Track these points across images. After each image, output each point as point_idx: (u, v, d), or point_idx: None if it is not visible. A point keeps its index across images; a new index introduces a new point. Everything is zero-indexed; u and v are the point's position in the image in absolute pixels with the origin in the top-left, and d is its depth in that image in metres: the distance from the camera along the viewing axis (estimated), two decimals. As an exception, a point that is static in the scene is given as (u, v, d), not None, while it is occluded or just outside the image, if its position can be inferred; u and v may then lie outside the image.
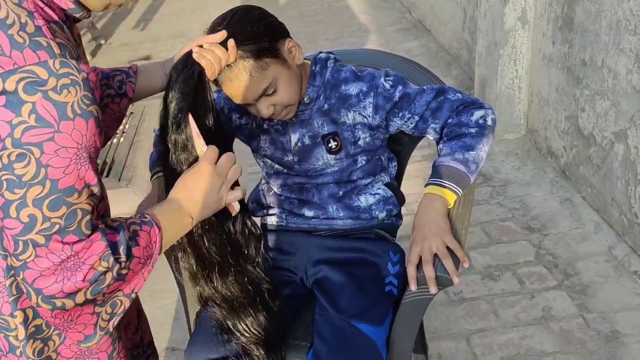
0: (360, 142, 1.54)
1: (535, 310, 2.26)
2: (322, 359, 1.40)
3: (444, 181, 1.42)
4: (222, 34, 1.34)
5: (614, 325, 2.16)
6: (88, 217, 1.00)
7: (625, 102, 2.38)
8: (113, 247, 1.02)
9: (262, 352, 1.41)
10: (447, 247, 1.35)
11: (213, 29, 1.37)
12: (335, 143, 1.53)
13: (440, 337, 2.19)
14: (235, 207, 1.29)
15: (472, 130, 1.46)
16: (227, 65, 1.36)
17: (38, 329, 1.13)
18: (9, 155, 0.93)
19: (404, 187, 1.75)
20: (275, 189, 1.63)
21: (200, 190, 1.18)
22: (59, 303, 0.99)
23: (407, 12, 5.13)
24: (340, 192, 1.57)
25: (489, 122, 1.48)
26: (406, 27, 4.92)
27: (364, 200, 1.58)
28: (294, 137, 1.54)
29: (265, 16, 1.43)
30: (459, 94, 1.52)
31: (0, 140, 0.93)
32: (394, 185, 1.66)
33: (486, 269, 2.47)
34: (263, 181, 1.68)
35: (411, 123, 1.51)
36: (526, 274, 2.43)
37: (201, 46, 1.33)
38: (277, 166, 1.60)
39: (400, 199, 1.67)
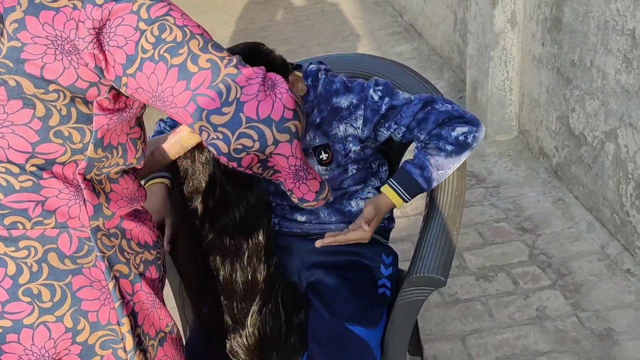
0: (351, 154, 1.55)
1: (529, 310, 2.27)
2: (316, 362, 1.41)
3: (402, 192, 1.50)
4: None
5: (607, 323, 2.18)
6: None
7: (614, 101, 2.40)
8: None
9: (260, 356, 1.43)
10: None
11: None
12: (327, 155, 1.54)
13: (435, 338, 2.20)
14: None
15: (449, 148, 1.48)
16: None
17: (139, 338, 1.08)
18: (151, 32, 0.97)
19: (396, 190, 1.75)
20: (266, 195, 1.64)
21: None
22: (292, 127, 1.01)
23: (399, 15, 5.15)
24: (331, 198, 1.58)
25: (469, 140, 1.48)
26: (398, 30, 4.94)
27: (355, 204, 1.60)
28: None
29: (269, 54, 1.44)
30: (448, 105, 1.51)
31: (133, 29, 0.96)
32: (385, 188, 1.68)
33: (480, 270, 2.48)
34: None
35: (398, 133, 1.52)
36: (520, 274, 2.44)
37: None
38: (267, 173, 1.61)
39: (392, 202, 1.69)
